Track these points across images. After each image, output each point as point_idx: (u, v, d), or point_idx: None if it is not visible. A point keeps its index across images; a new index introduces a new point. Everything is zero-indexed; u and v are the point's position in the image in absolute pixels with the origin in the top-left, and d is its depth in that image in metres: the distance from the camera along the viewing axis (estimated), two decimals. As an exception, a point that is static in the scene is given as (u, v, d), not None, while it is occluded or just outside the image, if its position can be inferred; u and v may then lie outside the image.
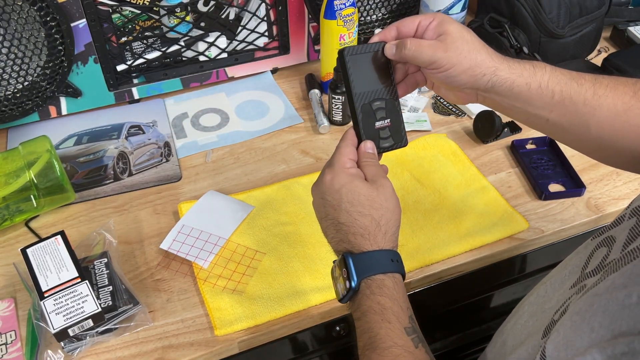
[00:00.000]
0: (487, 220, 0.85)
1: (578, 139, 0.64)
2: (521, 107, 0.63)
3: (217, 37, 1.08)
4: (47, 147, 0.86)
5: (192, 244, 0.82)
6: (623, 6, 1.25)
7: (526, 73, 0.61)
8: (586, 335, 0.41)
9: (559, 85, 0.61)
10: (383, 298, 0.57)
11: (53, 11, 0.91)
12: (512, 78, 0.61)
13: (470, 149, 0.99)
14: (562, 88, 0.61)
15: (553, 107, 0.62)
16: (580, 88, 0.61)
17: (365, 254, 0.58)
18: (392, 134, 0.66)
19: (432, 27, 0.62)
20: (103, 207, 0.91)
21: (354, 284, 0.57)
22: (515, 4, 1.03)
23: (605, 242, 0.53)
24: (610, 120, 0.61)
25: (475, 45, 0.61)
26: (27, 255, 0.75)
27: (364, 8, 1.16)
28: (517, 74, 0.61)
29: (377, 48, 0.65)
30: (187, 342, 0.72)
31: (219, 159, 1.00)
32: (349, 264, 0.58)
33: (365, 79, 0.64)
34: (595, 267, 0.51)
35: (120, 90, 1.08)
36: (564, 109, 0.62)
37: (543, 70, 0.62)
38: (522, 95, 0.62)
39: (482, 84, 0.61)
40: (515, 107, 0.64)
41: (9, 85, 0.97)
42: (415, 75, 0.67)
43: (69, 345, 0.71)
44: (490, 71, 0.61)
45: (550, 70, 0.62)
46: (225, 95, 1.14)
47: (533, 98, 0.62)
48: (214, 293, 0.77)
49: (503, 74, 0.61)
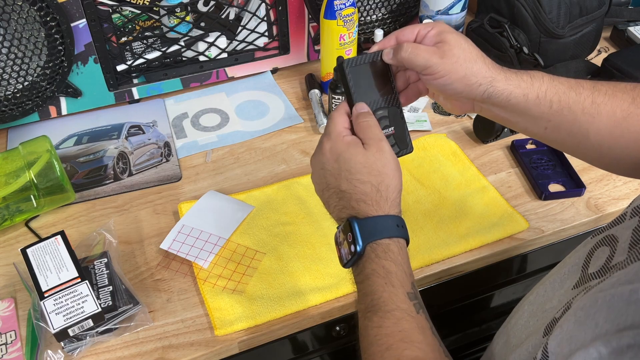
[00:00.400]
0: (487, 220, 0.85)
1: (577, 146, 0.64)
2: (519, 118, 0.63)
3: (217, 37, 1.08)
4: (47, 147, 0.86)
5: (192, 244, 0.82)
6: (623, 6, 1.25)
7: (523, 84, 0.61)
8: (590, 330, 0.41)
9: (557, 95, 0.61)
10: (388, 262, 0.57)
11: (53, 11, 0.92)
12: (510, 89, 0.61)
13: (470, 149, 0.99)
14: (560, 98, 0.61)
15: (551, 116, 0.62)
16: (578, 97, 0.61)
17: (371, 219, 0.58)
18: (397, 141, 0.66)
19: (431, 35, 0.63)
20: (103, 207, 0.91)
21: (360, 248, 0.57)
22: (515, 4, 1.03)
23: (606, 241, 0.53)
24: (610, 128, 0.61)
25: (472, 54, 0.61)
26: (27, 255, 0.75)
27: (364, 8, 1.16)
28: (514, 85, 0.61)
29: (376, 58, 0.65)
30: (187, 342, 0.72)
31: (219, 159, 1.00)
32: (354, 228, 0.58)
33: (366, 89, 0.65)
34: (599, 268, 0.51)
35: (120, 90, 1.08)
36: (563, 118, 0.62)
37: (541, 80, 0.62)
38: (519, 106, 0.62)
39: (478, 94, 0.61)
40: (513, 118, 0.64)
41: (9, 85, 0.97)
42: (417, 85, 0.67)
43: (69, 345, 0.71)
44: (487, 81, 0.61)
45: (548, 80, 0.62)
46: (225, 95, 1.14)
47: (531, 108, 0.62)
48: (214, 293, 0.77)
49: (500, 85, 0.61)
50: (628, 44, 1.19)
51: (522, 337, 0.58)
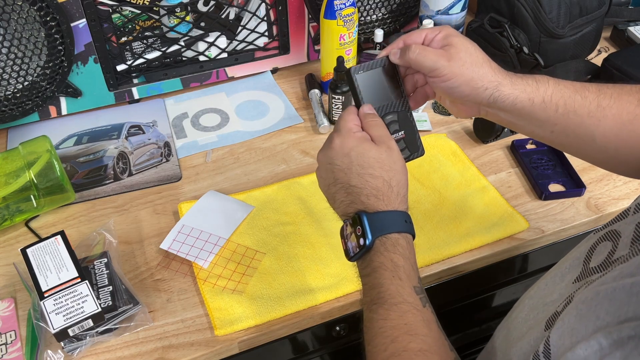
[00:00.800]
0: (487, 220, 0.85)
1: (583, 149, 0.65)
2: (525, 122, 0.64)
3: (217, 37, 1.08)
4: (47, 147, 0.86)
5: (192, 244, 0.82)
6: (623, 6, 1.25)
7: (529, 89, 0.62)
8: (592, 323, 0.42)
9: (562, 98, 0.62)
10: (396, 256, 0.57)
11: (53, 11, 0.92)
12: (515, 94, 0.62)
13: (470, 149, 0.99)
14: (565, 101, 0.62)
15: (557, 120, 0.62)
16: (584, 100, 0.62)
17: (381, 213, 0.59)
18: (407, 145, 0.66)
19: (438, 38, 0.64)
20: (103, 207, 0.91)
21: (369, 242, 0.58)
22: (515, 4, 1.03)
23: (609, 235, 0.53)
24: (616, 131, 0.61)
25: (479, 58, 0.62)
26: (27, 255, 0.75)
27: (364, 8, 1.16)
28: (520, 89, 0.62)
29: (383, 63, 0.66)
30: (187, 342, 0.72)
31: (219, 159, 1.00)
32: (363, 221, 0.58)
33: (375, 95, 0.65)
34: (601, 262, 0.51)
35: (120, 90, 1.08)
36: (569, 121, 0.62)
37: (546, 84, 0.63)
38: (525, 110, 0.63)
39: (484, 97, 0.62)
40: (519, 122, 0.65)
41: (9, 85, 0.97)
42: (424, 88, 0.68)
43: (69, 345, 0.71)
44: (493, 85, 0.62)
45: (553, 84, 0.63)
46: (225, 95, 1.14)
47: (537, 113, 0.63)
48: (214, 293, 0.77)
49: (506, 90, 0.62)
50: (628, 44, 1.19)
51: (523, 331, 0.58)
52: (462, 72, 0.61)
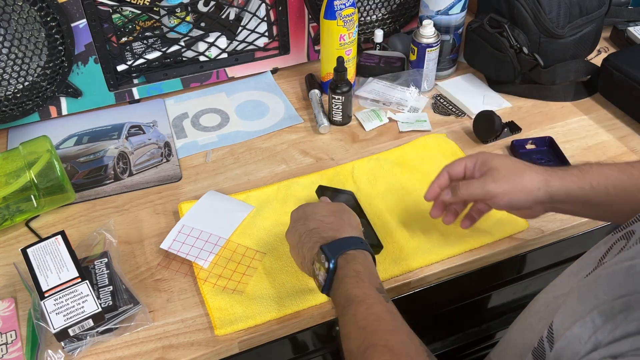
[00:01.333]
0: (487, 220, 0.85)
1: None
2: (584, 208, 0.69)
3: (217, 37, 1.08)
4: (48, 147, 0.86)
5: (192, 244, 0.82)
6: (623, 6, 1.25)
7: (575, 178, 0.67)
8: (590, 302, 0.44)
9: (609, 181, 0.66)
10: (356, 265, 0.65)
11: (53, 11, 0.92)
12: (566, 185, 0.67)
13: (470, 149, 0.99)
14: (614, 183, 0.66)
15: (612, 200, 0.66)
16: (631, 179, 0.66)
17: (338, 240, 0.67)
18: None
19: (478, 167, 0.72)
20: (103, 207, 0.91)
21: (332, 263, 0.65)
22: (515, 4, 1.03)
23: (624, 236, 0.55)
24: None
25: (519, 168, 0.69)
26: (27, 255, 0.76)
27: (364, 8, 1.17)
28: (567, 180, 0.67)
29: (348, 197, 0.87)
30: (187, 342, 0.72)
31: (219, 159, 1.00)
32: (325, 250, 0.66)
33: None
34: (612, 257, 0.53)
35: (121, 90, 1.08)
36: (624, 199, 0.66)
37: (589, 172, 0.67)
38: (580, 199, 0.67)
39: (540, 197, 0.68)
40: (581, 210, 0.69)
41: (9, 85, 0.97)
42: (477, 205, 0.78)
43: (69, 345, 0.71)
44: (543, 184, 0.67)
45: (597, 170, 0.67)
46: (225, 95, 1.14)
47: (590, 197, 0.67)
48: (214, 293, 0.77)
49: (556, 184, 0.67)
50: (628, 44, 1.19)
51: (535, 324, 0.60)
52: (512, 185, 0.68)
